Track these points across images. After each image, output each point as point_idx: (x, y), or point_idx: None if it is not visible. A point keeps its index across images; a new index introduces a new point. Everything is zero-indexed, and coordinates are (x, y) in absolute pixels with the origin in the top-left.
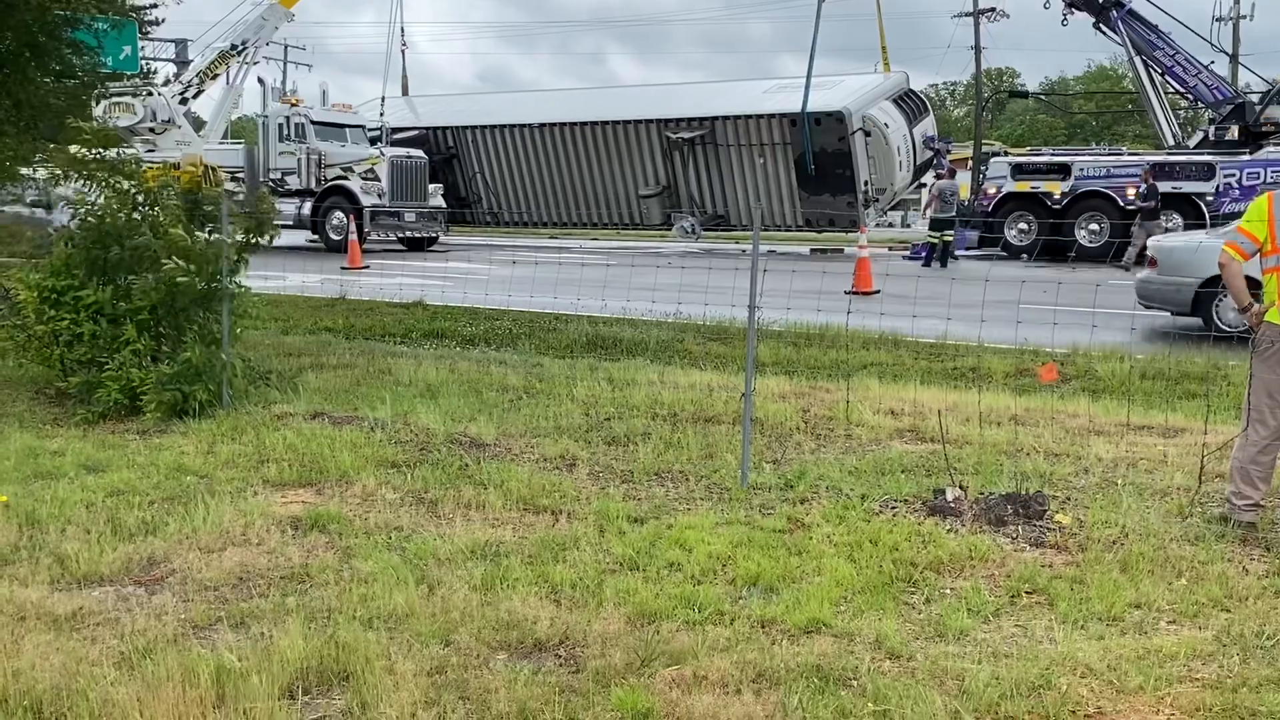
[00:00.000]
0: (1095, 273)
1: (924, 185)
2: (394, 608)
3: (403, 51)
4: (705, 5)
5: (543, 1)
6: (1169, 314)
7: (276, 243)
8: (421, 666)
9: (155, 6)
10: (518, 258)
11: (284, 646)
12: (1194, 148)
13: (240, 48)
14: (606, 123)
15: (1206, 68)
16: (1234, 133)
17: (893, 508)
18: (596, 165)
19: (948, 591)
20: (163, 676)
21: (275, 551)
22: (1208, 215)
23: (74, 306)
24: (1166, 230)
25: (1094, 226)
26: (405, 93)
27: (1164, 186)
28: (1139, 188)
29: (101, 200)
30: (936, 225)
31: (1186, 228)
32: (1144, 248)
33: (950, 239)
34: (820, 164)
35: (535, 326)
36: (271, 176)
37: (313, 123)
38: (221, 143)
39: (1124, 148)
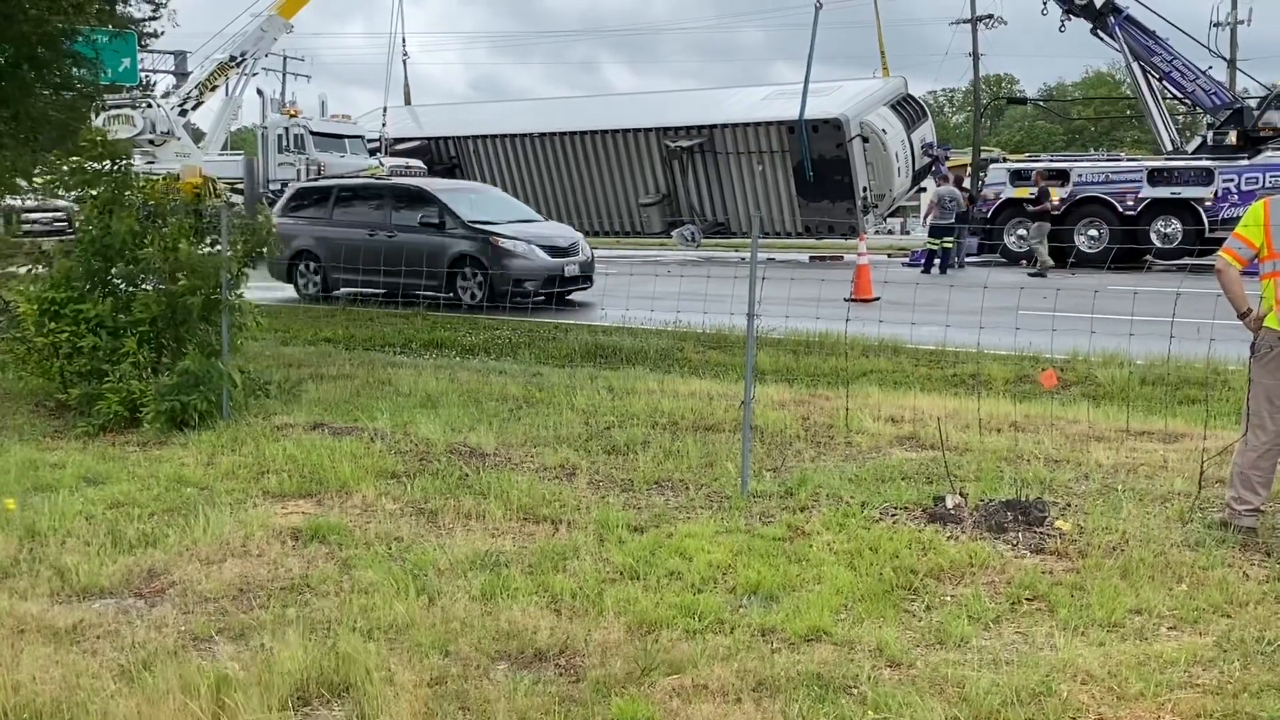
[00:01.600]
0: (1094, 278)
1: (923, 190)
2: (394, 618)
3: (404, 61)
4: (697, 14)
5: (534, 11)
6: None
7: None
8: (422, 677)
9: (155, 19)
10: None
11: (284, 658)
12: (1192, 153)
13: (239, 59)
14: (606, 131)
15: (1204, 73)
16: (1232, 138)
17: (893, 515)
18: (597, 174)
19: (948, 599)
20: (163, 689)
21: (275, 563)
22: (1206, 220)
23: (74, 319)
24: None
25: (1093, 232)
26: (408, 102)
27: (1162, 192)
28: (1030, 191)
29: (111, 221)
30: (936, 232)
31: (1185, 233)
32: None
33: (950, 245)
34: (819, 171)
35: (534, 335)
36: (271, 187)
37: (312, 133)
38: (221, 154)
39: (1122, 153)
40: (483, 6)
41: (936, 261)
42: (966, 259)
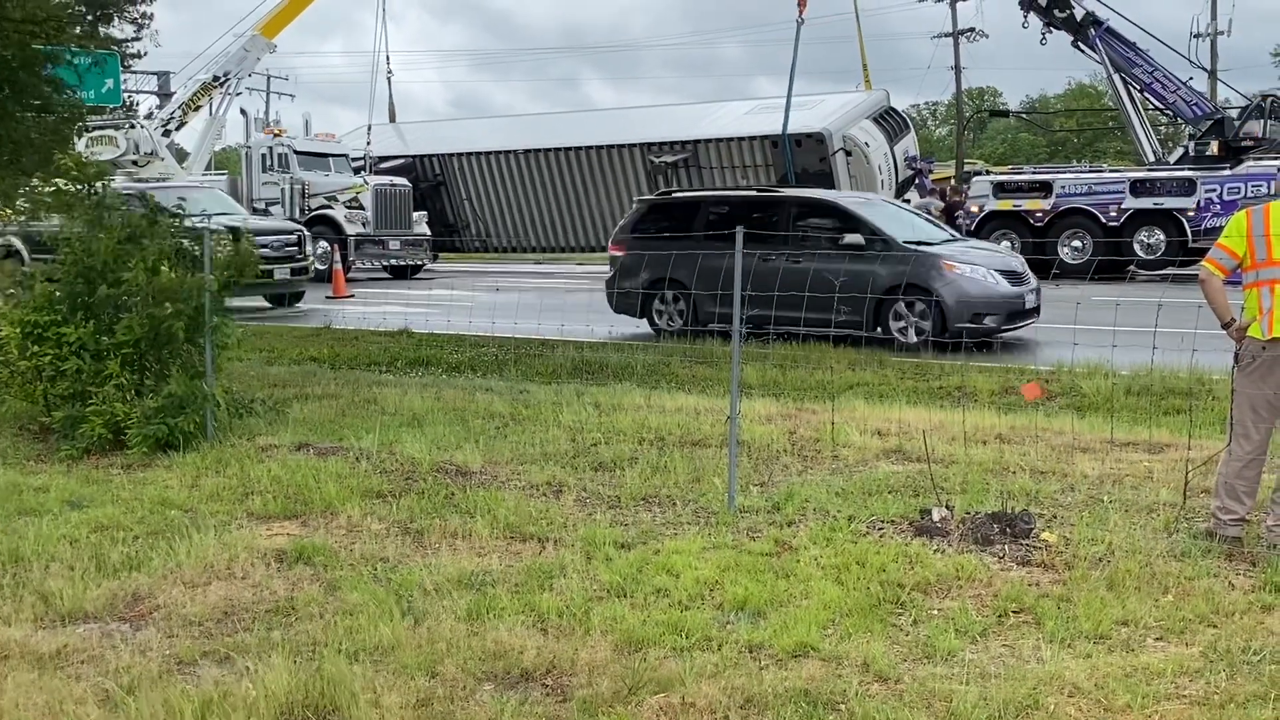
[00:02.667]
0: (1077, 289)
1: (907, 202)
2: (380, 640)
3: (389, 79)
4: (676, 30)
5: (513, 28)
6: None
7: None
8: (407, 699)
9: (138, 39)
10: (501, 284)
11: (269, 681)
12: (1174, 163)
13: (223, 79)
14: (590, 148)
15: (1185, 84)
16: (1214, 148)
17: (880, 529)
18: (582, 189)
19: (935, 612)
20: (147, 714)
21: (260, 585)
22: (1189, 231)
23: (57, 342)
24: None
25: (1076, 243)
26: (393, 119)
27: (1145, 203)
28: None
29: (92, 243)
30: None
31: (1168, 244)
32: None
33: None
34: (803, 184)
35: (521, 353)
36: (255, 207)
37: (296, 153)
38: (205, 174)
39: (1105, 165)
40: (461, 24)
41: None
42: None
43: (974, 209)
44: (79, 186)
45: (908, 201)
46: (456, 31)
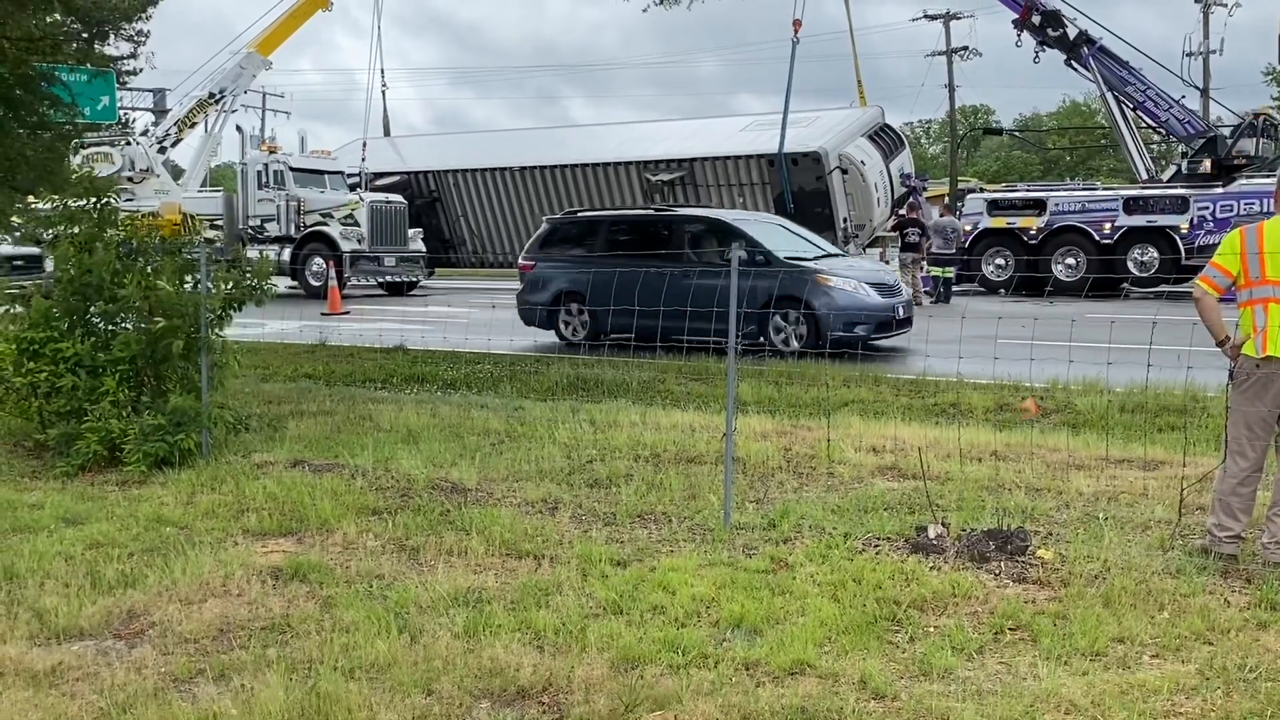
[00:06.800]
0: (1072, 306)
1: (905, 216)
2: (376, 657)
3: (383, 92)
4: (647, 45)
5: (487, 44)
6: None
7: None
8: (403, 717)
9: (134, 57)
10: (497, 300)
11: (265, 699)
12: (1167, 181)
13: (218, 96)
14: (586, 165)
15: (1178, 102)
16: (1206, 166)
17: (876, 546)
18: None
19: (931, 629)
20: None
21: (256, 602)
22: (1182, 248)
23: (53, 358)
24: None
25: (1070, 261)
26: (387, 133)
27: (1138, 220)
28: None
29: (90, 259)
30: (938, 261)
31: (1161, 261)
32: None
33: (949, 275)
34: (799, 203)
35: (516, 369)
36: (250, 224)
37: (291, 169)
38: (200, 190)
39: (1098, 182)
40: (432, 40)
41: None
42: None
43: (968, 227)
44: (85, 201)
45: (902, 216)
46: (428, 47)
